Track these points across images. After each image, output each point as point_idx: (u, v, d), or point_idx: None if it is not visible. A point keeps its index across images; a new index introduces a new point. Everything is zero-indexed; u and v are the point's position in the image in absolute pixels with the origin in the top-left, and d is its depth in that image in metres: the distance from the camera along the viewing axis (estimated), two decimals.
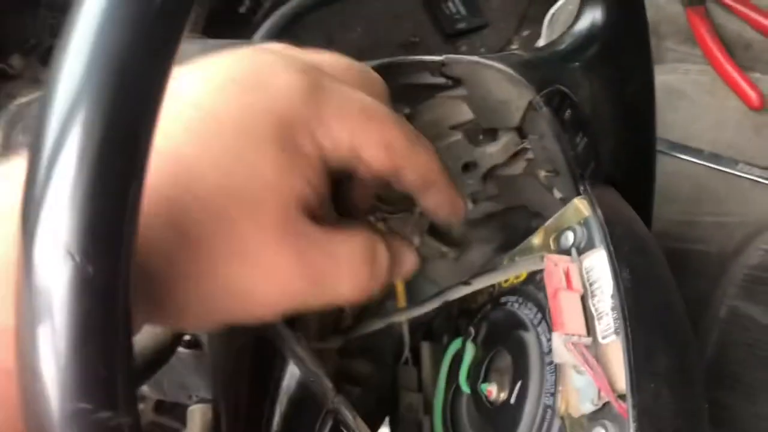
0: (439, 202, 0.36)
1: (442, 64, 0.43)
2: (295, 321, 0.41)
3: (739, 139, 0.70)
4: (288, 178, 0.28)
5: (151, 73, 0.20)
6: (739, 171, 0.67)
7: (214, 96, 0.28)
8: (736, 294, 0.59)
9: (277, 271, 0.28)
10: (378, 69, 0.43)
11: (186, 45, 0.52)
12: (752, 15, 0.77)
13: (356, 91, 0.32)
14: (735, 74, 0.72)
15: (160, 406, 0.98)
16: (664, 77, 0.74)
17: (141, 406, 0.99)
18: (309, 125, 0.29)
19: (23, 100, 0.53)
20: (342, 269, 0.30)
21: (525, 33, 1.31)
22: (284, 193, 0.28)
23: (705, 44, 0.76)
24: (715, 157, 0.68)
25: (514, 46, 1.31)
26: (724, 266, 0.62)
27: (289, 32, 0.86)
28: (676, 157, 0.69)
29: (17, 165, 0.21)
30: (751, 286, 0.59)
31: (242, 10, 0.90)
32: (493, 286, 0.43)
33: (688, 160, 0.69)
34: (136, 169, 0.19)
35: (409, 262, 0.35)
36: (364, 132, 0.31)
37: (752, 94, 0.70)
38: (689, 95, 0.72)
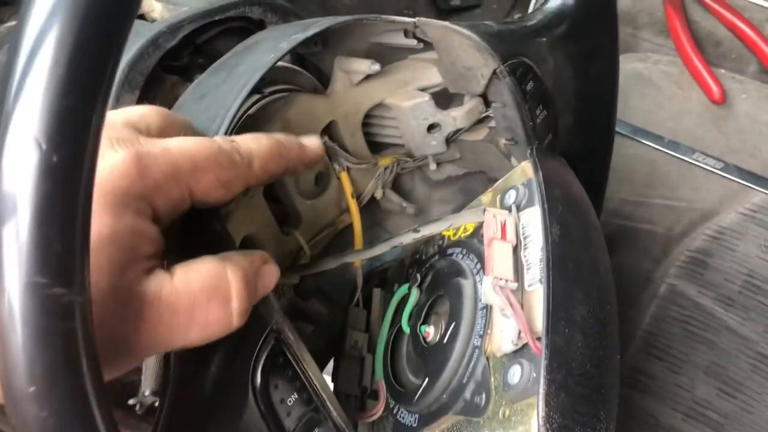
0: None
1: (415, 25, 0.45)
2: None
3: (698, 129, 0.73)
4: (120, 243, 0.29)
5: None
6: (694, 159, 0.70)
7: None
8: (676, 273, 0.63)
9: (121, 334, 0.29)
10: (353, 25, 0.45)
11: None
12: (726, 14, 0.79)
13: (176, 143, 0.33)
14: (702, 68, 0.75)
15: None
16: (634, 65, 0.77)
17: None
18: (142, 195, 0.31)
19: (10, 24, 0.54)
20: (181, 317, 0.31)
21: (517, 16, 1.33)
22: (118, 258, 0.29)
23: (678, 37, 0.78)
24: (673, 145, 0.72)
25: None
26: (669, 247, 0.65)
27: None
28: (637, 140, 0.72)
29: None
30: (691, 267, 0.63)
31: None
32: (442, 239, 0.46)
33: (647, 145, 0.72)
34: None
35: (269, 275, 0.35)
36: (197, 181, 0.33)
37: (715, 89, 0.73)
38: (656, 84, 0.75)
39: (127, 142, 0.31)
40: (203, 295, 0.31)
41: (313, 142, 0.40)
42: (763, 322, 0.60)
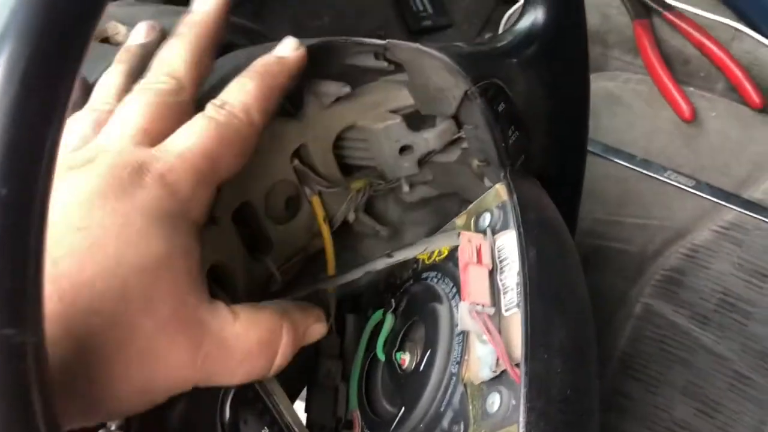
0: None
1: (385, 48, 0.45)
2: (223, 281, 0.43)
3: (670, 147, 0.73)
4: (175, 266, 0.30)
5: None
6: (666, 178, 0.70)
7: (85, 211, 0.28)
8: (651, 293, 0.63)
9: (175, 363, 0.30)
10: (322, 48, 0.45)
11: (139, 8, 0.52)
12: (693, 33, 0.80)
13: (183, 142, 0.32)
14: (671, 87, 0.76)
15: None
16: (605, 83, 0.77)
17: None
18: (181, 212, 0.31)
19: None
20: (234, 361, 0.32)
21: (487, 36, 1.34)
22: (176, 283, 0.30)
23: (647, 56, 0.79)
24: (645, 163, 0.72)
25: None
26: (643, 266, 0.65)
27: (256, 15, 0.86)
28: (608, 159, 0.72)
29: None
30: (665, 286, 0.63)
31: None
32: (416, 263, 0.45)
33: (619, 164, 0.72)
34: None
35: (315, 334, 0.37)
36: (217, 171, 0.33)
37: (685, 107, 0.74)
38: (627, 102, 0.76)
39: (144, 168, 0.31)
40: (258, 348, 0.33)
41: (289, 49, 0.40)
42: (739, 340, 0.60)
